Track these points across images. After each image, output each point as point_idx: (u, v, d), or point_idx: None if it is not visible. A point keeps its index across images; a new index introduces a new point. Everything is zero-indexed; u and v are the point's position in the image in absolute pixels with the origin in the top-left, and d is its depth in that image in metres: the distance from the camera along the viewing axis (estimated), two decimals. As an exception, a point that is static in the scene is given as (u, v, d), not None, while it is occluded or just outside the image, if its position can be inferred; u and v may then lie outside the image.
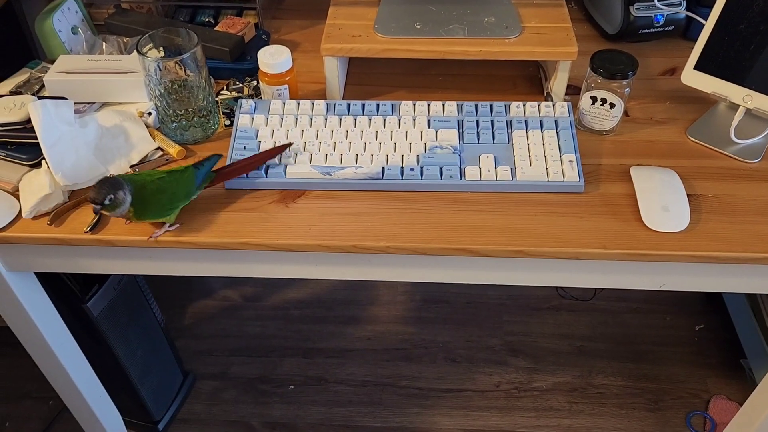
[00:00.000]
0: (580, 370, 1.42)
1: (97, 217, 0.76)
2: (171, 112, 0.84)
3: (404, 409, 1.36)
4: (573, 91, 0.91)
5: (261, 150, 0.80)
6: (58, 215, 0.77)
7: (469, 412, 1.35)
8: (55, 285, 1.01)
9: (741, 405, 1.31)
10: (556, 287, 1.58)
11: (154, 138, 0.86)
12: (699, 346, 1.45)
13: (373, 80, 0.97)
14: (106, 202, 0.68)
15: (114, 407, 1.17)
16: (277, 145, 0.81)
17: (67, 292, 1.04)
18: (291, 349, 1.48)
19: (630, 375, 1.41)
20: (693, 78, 0.85)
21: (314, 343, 1.49)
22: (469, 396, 1.38)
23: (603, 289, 1.56)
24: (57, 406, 1.34)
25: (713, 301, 1.52)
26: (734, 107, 0.84)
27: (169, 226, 0.75)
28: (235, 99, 0.92)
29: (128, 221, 0.75)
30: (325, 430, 1.34)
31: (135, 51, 0.86)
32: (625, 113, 0.89)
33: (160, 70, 0.80)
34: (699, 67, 0.84)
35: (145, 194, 0.71)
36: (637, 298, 1.55)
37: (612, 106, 0.83)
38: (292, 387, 1.41)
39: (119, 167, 0.82)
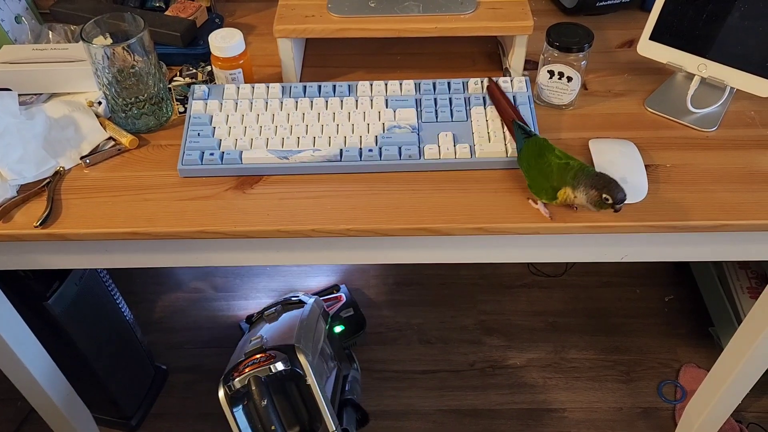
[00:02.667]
0: (553, 346, 1.43)
1: (48, 211, 0.74)
2: (121, 100, 0.81)
3: (380, 392, 1.36)
4: (531, 66, 0.90)
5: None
6: (6, 210, 0.74)
7: (445, 392, 1.36)
8: (13, 283, 0.98)
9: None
10: (528, 265, 1.59)
11: (105, 128, 0.83)
12: (669, 316, 1.48)
13: (330, 62, 0.95)
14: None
15: (83, 406, 1.15)
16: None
17: (26, 290, 1.01)
18: (264, 339, 1.46)
19: (602, 348, 1.43)
20: (649, 49, 0.85)
21: (287, 331, 1.47)
22: (445, 376, 1.39)
23: (573, 265, 1.57)
24: (25, 407, 1.31)
25: (681, 272, 1.54)
26: (690, 77, 0.84)
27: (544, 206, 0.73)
28: (189, 85, 0.89)
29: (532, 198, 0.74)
30: (301, 417, 1.33)
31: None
32: (584, 86, 0.89)
33: (107, 57, 0.78)
34: (654, 37, 0.84)
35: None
36: (608, 272, 1.56)
37: (569, 79, 0.83)
38: (266, 376, 1.39)
39: (69, 159, 0.80)
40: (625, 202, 0.67)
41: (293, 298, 1.19)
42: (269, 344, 1.01)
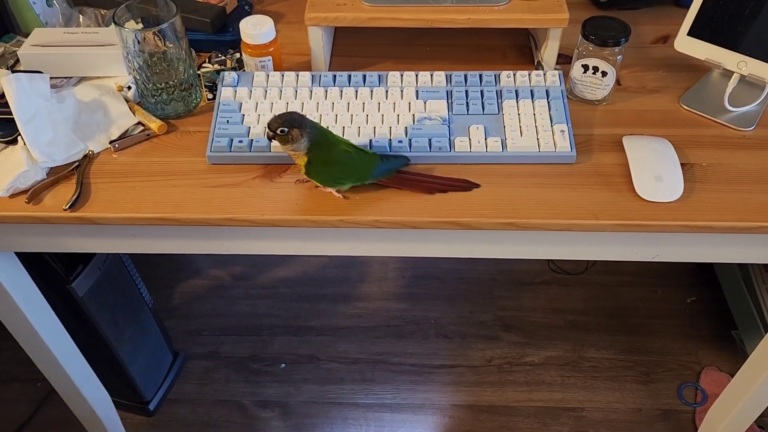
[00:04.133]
0: (572, 344, 1.42)
1: (77, 194, 0.74)
2: (151, 85, 0.81)
3: (397, 385, 1.36)
4: (564, 60, 0.89)
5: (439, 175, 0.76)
6: (36, 193, 0.74)
7: (462, 388, 1.35)
8: (39, 266, 0.99)
9: (732, 376, 1.32)
10: (548, 262, 1.58)
11: (134, 113, 0.83)
12: (690, 318, 1.46)
13: (359, 51, 0.94)
14: (279, 132, 0.68)
15: (103, 388, 1.16)
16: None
17: (51, 272, 1.02)
18: (281, 328, 1.47)
19: (622, 348, 1.41)
20: (686, 45, 0.83)
21: (305, 321, 1.48)
22: (462, 371, 1.38)
23: (595, 262, 1.56)
24: (45, 388, 1.32)
25: (704, 273, 1.52)
26: (728, 74, 0.82)
27: (336, 192, 0.74)
28: (218, 72, 0.89)
29: (302, 178, 0.74)
30: (317, 408, 1.33)
31: (112, 23, 0.83)
32: (617, 82, 0.87)
33: (138, 41, 0.77)
34: (693, 33, 0.82)
35: (330, 155, 0.71)
36: (629, 272, 1.55)
37: (604, 74, 0.81)
38: (283, 365, 1.40)
39: (98, 143, 0.80)
40: (656, 200, 0.66)
41: None
42: None
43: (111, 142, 0.80)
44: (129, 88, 0.85)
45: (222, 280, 1.57)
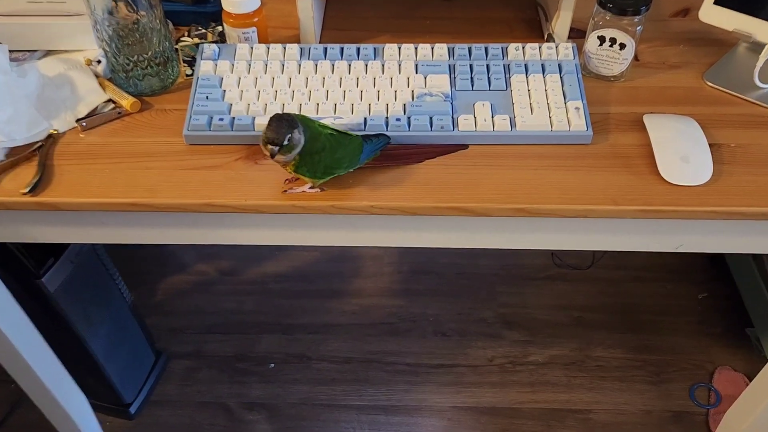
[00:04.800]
0: (577, 342, 1.35)
1: (38, 177, 0.66)
2: (123, 59, 0.73)
3: (392, 386, 1.29)
4: (576, 34, 0.81)
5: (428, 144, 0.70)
6: (-9, 175, 0.67)
7: (462, 389, 1.29)
8: (5, 258, 0.91)
9: (747, 376, 1.26)
10: (552, 255, 1.51)
11: (104, 89, 0.76)
12: (702, 315, 1.39)
13: (352, 25, 0.87)
14: (286, 142, 0.58)
15: (78, 391, 1.08)
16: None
17: (19, 266, 0.94)
18: (270, 325, 1.40)
19: (630, 346, 1.34)
20: (713, 14, 0.76)
21: (295, 319, 1.41)
22: (461, 371, 1.31)
23: (602, 256, 1.49)
24: (19, 390, 1.25)
25: (717, 267, 1.46)
26: (757, 48, 0.75)
27: (310, 188, 0.65)
28: (197, 46, 0.81)
29: (290, 178, 0.66)
30: (307, 410, 1.26)
31: (79, -12, 0.75)
32: (635, 58, 0.80)
33: (108, 11, 0.70)
34: (720, 1, 0.75)
35: (316, 146, 0.62)
36: (637, 266, 1.48)
37: (622, 46, 0.74)
38: (271, 365, 1.33)
39: (64, 121, 0.73)
40: (682, 183, 0.58)
41: None
42: None
43: (78, 121, 0.72)
44: (99, 62, 0.77)
45: (207, 275, 1.50)
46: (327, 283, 1.48)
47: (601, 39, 0.74)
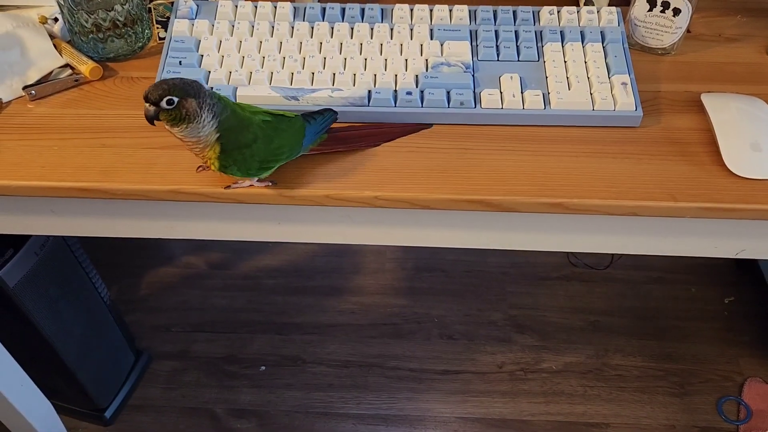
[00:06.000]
0: (594, 349, 1.25)
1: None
2: (82, 16, 0.62)
3: (393, 393, 1.20)
4: (619, 1, 0.70)
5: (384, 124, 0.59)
6: None
7: (469, 397, 1.19)
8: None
9: (781, 390, 1.16)
10: (567, 254, 1.40)
11: (60, 52, 0.64)
12: (729, 321, 1.29)
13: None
14: (164, 104, 0.46)
15: (42, 398, 0.98)
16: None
17: (-28, 258, 0.83)
18: (263, 325, 1.30)
19: (652, 354, 1.24)
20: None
21: (290, 318, 1.31)
22: (469, 379, 1.22)
23: (621, 255, 1.38)
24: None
25: (744, 268, 1.35)
26: (835, 17, 0.63)
27: (258, 181, 0.54)
28: (173, 4, 0.69)
29: (203, 166, 0.54)
30: (301, 418, 1.16)
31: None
32: (687, 29, 0.68)
33: (65, -43, 0.58)
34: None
35: (246, 137, 0.50)
36: (659, 267, 1.38)
37: (676, 12, 0.63)
38: (263, 368, 1.24)
39: (9, 88, 0.61)
40: (754, 176, 0.47)
41: None
42: None
43: (26, 88, 0.61)
44: (55, 20, 0.66)
45: (196, 269, 1.40)
46: (325, 279, 1.38)
47: (652, 3, 0.63)
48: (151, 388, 1.20)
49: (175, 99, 0.46)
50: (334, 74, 0.59)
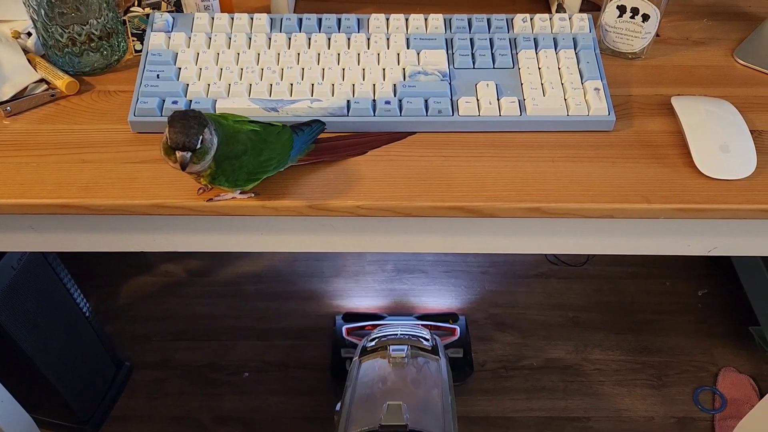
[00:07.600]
0: (574, 345, 1.27)
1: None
2: (56, 30, 0.61)
3: (377, 395, 1.19)
4: (589, 7, 0.71)
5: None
6: None
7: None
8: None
9: (752, 378, 1.19)
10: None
11: (35, 67, 0.64)
12: (703, 313, 1.32)
13: (332, -5, 0.76)
14: (198, 145, 0.46)
15: (22, 412, 0.96)
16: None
17: (-52, 274, 0.81)
18: (245, 331, 1.29)
19: (629, 348, 1.26)
20: (748, -19, 0.66)
21: (272, 323, 1.30)
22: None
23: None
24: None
25: (717, 261, 1.38)
26: (796, 20, 0.66)
27: (241, 193, 0.54)
28: (149, 16, 0.69)
29: (202, 188, 0.54)
30: (286, 423, 1.16)
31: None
32: (655, 33, 0.70)
33: (38, -29, 0.57)
34: (756, -35, 0.65)
35: (236, 148, 0.50)
36: (634, 262, 1.40)
37: (645, 18, 0.64)
38: (246, 375, 1.23)
39: (-16, 105, 0.60)
40: (723, 176, 0.49)
41: (422, 339, 0.97)
42: (414, 426, 0.84)
43: (1, 104, 0.60)
44: (29, 34, 0.65)
45: (176, 277, 1.38)
46: (306, 284, 1.37)
47: (621, 9, 0.64)
48: (134, 399, 1.19)
49: (202, 137, 0.46)
50: (312, 85, 0.60)
